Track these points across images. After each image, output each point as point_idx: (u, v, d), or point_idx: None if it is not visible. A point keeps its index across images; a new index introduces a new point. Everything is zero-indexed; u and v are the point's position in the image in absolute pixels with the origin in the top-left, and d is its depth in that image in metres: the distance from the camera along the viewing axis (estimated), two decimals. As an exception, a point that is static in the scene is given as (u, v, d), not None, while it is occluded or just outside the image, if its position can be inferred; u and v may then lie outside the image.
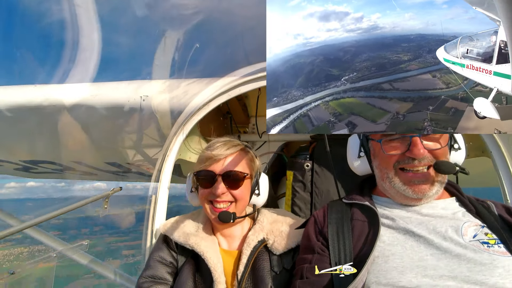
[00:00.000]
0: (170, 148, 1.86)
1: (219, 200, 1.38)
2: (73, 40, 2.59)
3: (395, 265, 0.99)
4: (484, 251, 0.95)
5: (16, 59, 3.62)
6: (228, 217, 1.35)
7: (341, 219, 1.18)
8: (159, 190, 1.75)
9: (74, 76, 2.67)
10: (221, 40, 2.54)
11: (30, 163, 3.95)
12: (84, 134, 2.81)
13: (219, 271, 1.27)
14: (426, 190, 1.13)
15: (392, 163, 1.17)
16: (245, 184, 1.43)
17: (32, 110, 2.65)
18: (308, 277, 1.07)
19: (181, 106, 2.15)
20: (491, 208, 1.14)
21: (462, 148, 1.30)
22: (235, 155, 1.43)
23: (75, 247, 3.29)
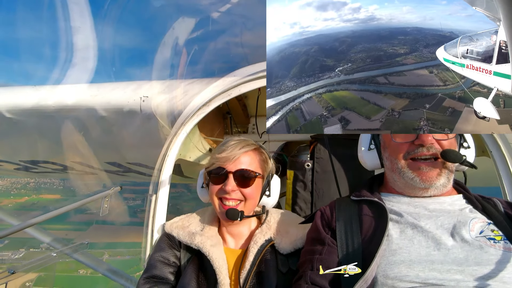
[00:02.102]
0: (170, 148, 1.86)
1: (228, 197, 1.38)
2: (70, 41, 2.59)
3: (403, 258, 1.00)
4: (490, 247, 0.97)
5: (15, 58, 3.63)
6: (236, 215, 1.35)
7: (350, 215, 1.20)
8: (159, 189, 1.75)
9: (73, 77, 2.67)
10: (221, 40, 2.54)
11: (30, 163, 3.96)
12: (84, 135, 2.81)
13: (224, 273, 1.26)
14: (433, 178, 1.15)
15: (403, 153, 1.21)
16: (256, 183, 1.42)
17: (31, 110, 2.66)
18: (319, 269, 1.07)
19: (181, 107, 2.16)
20: (498, 205, 1.16)
21: (472, 147, 1.32)
22: (248, 155, 1.43)
23: (76, 246, 3.30)
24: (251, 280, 1.25)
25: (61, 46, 2.58)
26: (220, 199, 1.40)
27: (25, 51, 7.54)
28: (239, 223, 1.44)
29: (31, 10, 2.98)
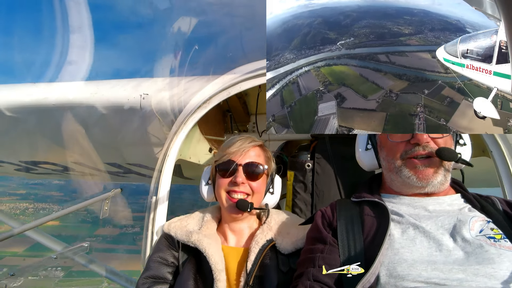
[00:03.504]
0: (170, 148, 1.85)
1: (237, 190, 1.41)
2: (70, 38, 2.57)
3: (405, 257, 1.00)
4: (491, 246, 0.97)
5: (14, 57, 3.63)
6: (246, 206, 1.38)
7: (351, 215, 1.20)
8: (160, 191, 1.74)
9: (72, 74, 2.65)
10: (222, 38, 2.53)
11: (31, 164, 3.94)
12: (84, 134, 2.79)
13: (219, 269, 1.27)
14: (430, 176, 1.16)
15: (399, 153, 1.21)
16: (262, 178, 1.48)
17: (30, 109, 2.64)
18: (321, 266, 1.07)
19: (181, 104, 2.15)
20: (496, 204, 1.17)
21: (468, 144, 1.33)
22: (256, 149, 1.49)
23: (75, 249, 3.29)
24: (253, 280, 1.26)
25: (60, 44, 2.57)
26: (228, 193, 1.43)
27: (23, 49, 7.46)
28: (242, 220, 1.47)
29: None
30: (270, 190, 1.54)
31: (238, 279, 1.29)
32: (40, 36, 3.04)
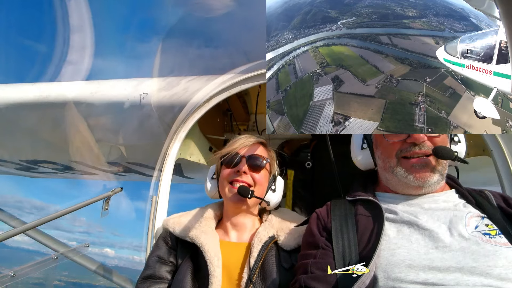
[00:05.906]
0: (171, 147, 1.85)
1: (239, 179, 1.45)
2: (70, 37, 2.57)
3: (402, 258, 1.00)
4: (486, 242, 0.97)
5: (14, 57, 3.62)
6: (247, 192, 1.40)
7: (345, 215, 1.20)
8: (160, 190, 1.74)
9: (73, 74, 2.65)
10: (222, 37, 2.53)
11: (31, 163, 3.94)
12: (84, 133, 2.79)
13: (215, 264, 1.27)
14: (427, 176, 1.15)
15: (395, 152, 1.20)
16: (264, 172, 1.53)
17: (30, 108, 2.63)
18: (314, 272, 1.07)
19: (181, 104, 2.14)
20: (490, 198, 1.16)
21: (462, 141, 1.32)
22: (259, 146, 1.57)
23: (76, 249, 3.29)
24: (256, 276, 1.27)
25: (61, 43, 2.57)
26: (231, 183, 1.46)
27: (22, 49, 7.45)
28: (244, 215, 1.49)
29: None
30: (272, 187, 1.56)
31: (240, 275, 1.29)
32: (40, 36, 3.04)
